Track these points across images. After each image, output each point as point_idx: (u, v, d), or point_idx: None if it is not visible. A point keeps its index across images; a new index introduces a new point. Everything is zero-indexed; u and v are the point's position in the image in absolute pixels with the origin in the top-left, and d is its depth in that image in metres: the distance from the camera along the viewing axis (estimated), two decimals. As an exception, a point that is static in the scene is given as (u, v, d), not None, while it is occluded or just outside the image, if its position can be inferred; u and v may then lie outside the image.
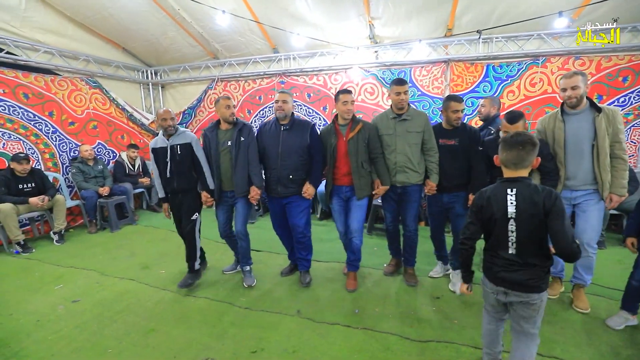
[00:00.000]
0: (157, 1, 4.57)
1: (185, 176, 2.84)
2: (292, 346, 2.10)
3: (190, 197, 2.90)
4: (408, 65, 5.02)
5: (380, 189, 2.77)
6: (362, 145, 2.71)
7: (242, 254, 3.00)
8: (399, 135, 2.72)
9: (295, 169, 2.77)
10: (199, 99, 6.29)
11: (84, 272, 3.28)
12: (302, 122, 2.87)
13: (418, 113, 2.77)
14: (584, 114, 2.28)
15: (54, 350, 2.12)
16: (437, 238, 3.01)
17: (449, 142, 2.71)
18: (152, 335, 2.25)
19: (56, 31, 4.91)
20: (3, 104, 4.36)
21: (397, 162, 2.73)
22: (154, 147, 2.86)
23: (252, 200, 2.86)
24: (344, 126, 2.75)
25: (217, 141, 2.82)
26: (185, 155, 2.81)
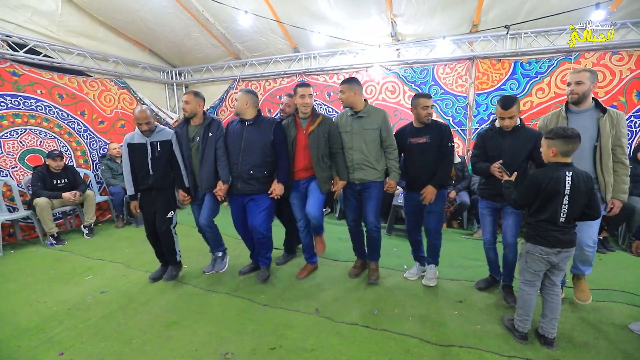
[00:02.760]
0: (182, 3, 4.70)
1: (162, 174, 2.84)
2: (310, 344, 2.10)
3: (165, 195, 2.90)
4: (431, 63, 4.91)
5: (338, 184, 2.78)
6: (323, 139, 2.72)
7: (212, 242, 3.12)
8: (356, 133, 2.71)
9: (256, 165, 2.76)
10: (221, 98, 6.41)
11: (111, 265, 3.42)
12: (267, 119, 2.87)
13: (376, 110, 2.76)
14: (588, 113, 2.25)
15: (83, 337, 2.22)
16: (414, 238, 2.99)
17: (420, 140, 2.68)
18: (175, 327, 2.31)
19: (88, 34, 5.14)
20: (40, 104, 4.61)
21: (354, 160, 2.73)
22: (131, 142, 2.82)
23: (217, 195, 2.85)
24: (304, 119, 2.78)
25: (187, 137, 2.86)
26: (164, 152, 2.81)
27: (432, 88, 4.96)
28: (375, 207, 2.79)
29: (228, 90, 6.32)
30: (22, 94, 4.45)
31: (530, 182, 1.94)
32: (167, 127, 2.94)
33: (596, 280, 2.78)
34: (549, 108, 4.37)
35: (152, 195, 2.89)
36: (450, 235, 4.21)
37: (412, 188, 2.75)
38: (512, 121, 2.29)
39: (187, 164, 2.88)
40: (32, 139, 4.54)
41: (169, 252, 3.01)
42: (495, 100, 4.62)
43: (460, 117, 4.87)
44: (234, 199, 2.94)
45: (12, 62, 4.32)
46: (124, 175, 2.91)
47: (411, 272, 3.06)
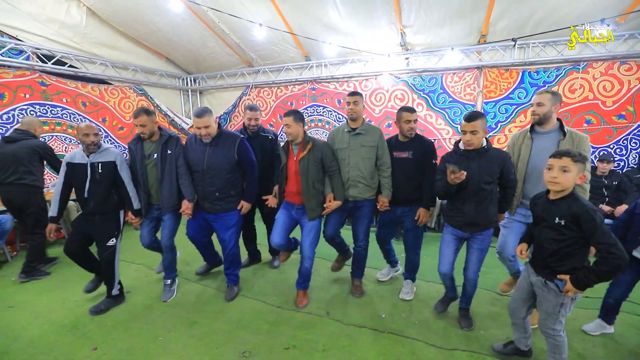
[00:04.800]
0: (199, 15, 4.90)
1: (103, 197, 2.61)
2: (322, 345, 2.25)
3: (108, 220, 2.68)
4: (440, 71, 5.02)
5: (332, 203, 2.65)
6: (314, 166, 2.61)
7: (166, 267, 2.97)
8: (353, 149, 2.71)
9: (221, 187, 2.70)
10: (234, 104, 6.61)
11: (134, 266, 3.63)
12: (229, 136, 2.74)
13: (372, 128, 2.77)
14: (551, 135, 2.27)
15: (113, 334, 2.41)
16: (384, 247, 3.09)
17: (402, 154, 2.70)
18: (196, 327, 2.49)
19: (110, 45, 5.39)
20: (66, 112, 4.88)
21: (349, 177, 2.71)
22: (70, 162, 2.57)
23: (185, 214, 2.78)
24: (296, 145, 2.69)
25: (143, 154, 2.70)
26: (106, 174, 2.57)
27: (441, 96, 5.06)
28: (366, 227, 2.85)
29: (241, 96, 6.51)
30: (50, 103, 4.72)
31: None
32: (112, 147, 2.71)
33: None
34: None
35: (94, 219, 2.65)
36: None
37: (391, 202, 2.75)
38: (475, 137, 2.13)
39: (141, 182, 2.71)
40: (59, 145, 4.80)
41: (107, 281, 2.76)
42: (503, 109, 4.72)
43: (468, 124, 4.94)
44: (195, 214, 2.84)
45: (40, 73, 4.59)
46: (53, 194, 2.65)
47: (383, 272, 3.22)
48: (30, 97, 4.49)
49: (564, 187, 1.61)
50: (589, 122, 4.35)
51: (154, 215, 2.86)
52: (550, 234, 1.66)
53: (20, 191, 3.28)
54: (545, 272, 1.73)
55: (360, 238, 2.88)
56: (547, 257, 1.69)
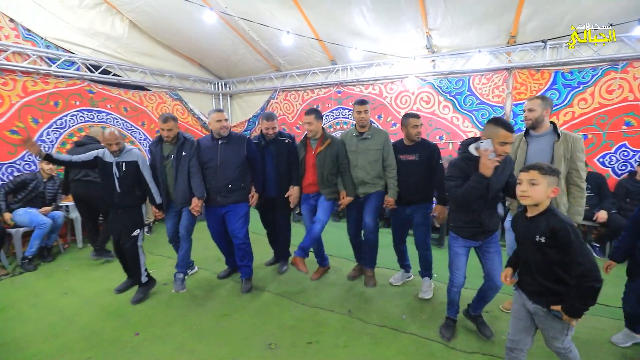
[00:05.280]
0: (231, 24, 5.15)
1: (127, 193, 2.91)
2: (343, 342, 2.36)
3: (132, 213, 2.95)
4: (467, 73, 4.95)
5: (345, 199, 3.00)
6: (329, 160, 2.97)
7: (181, 259, 3.16)
8: (360, 153, 2.96)
9: (233, 180, 3.00)
10: (262, 108, 6.85)
11: (169, 260, 3.90)
12: (239, 136, 3.14)
13: (379, 131, 3.01)
14: (545, 137, 2.38)
15: (152, 322, 2.65)
16: (399, 248, 3.16)
17: (409, 157, 2.88)
18: (226, 319, 2.68)
19: (149, 54, 5.77)
20: (110, 117, 5.29)
21: (357, 177, 2.99)
22: (101, 158, 2.90)
23: (193, 211, 3.01)
24: (315, 141, 3.06)
25: (162, 155, 3.02)
26: (129, 172, 2.88)
27: (468, 98, 4.99)
28: (373, 212, 3.01)
29: (269, 100, 6.74)
30: (96, 109, 5.14)
31: None
32: (135, 149, 2.99)
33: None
34: (592, 119, 4.27)
35: (118, 213, 2.96)
36: None
37: (399, 202, 2.94)
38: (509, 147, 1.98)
39: (160, 180, 3.01)
40: (104, 148, 5.23)
41: (134, 270, 3.03)
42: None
43: (496, 127, 4.84)
44: (212, 211, 3.14)
45: (89, 82, 5.02)
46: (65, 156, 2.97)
47: (396, 277, 3.27)
48: (79, 104, 4.92)
49: (535, 201, 1.55)
50: (628, 124, 4.13)
51: (176, 210, 3.14)
52: (535, 254, 1.58)
53: (85, 186, 3.88)
54: (541, 299, 1.59)
55: (367, 222, 3.03)
56: (537, 277, 1.59)
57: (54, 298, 3.10)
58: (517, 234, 1.73)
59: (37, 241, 3.76)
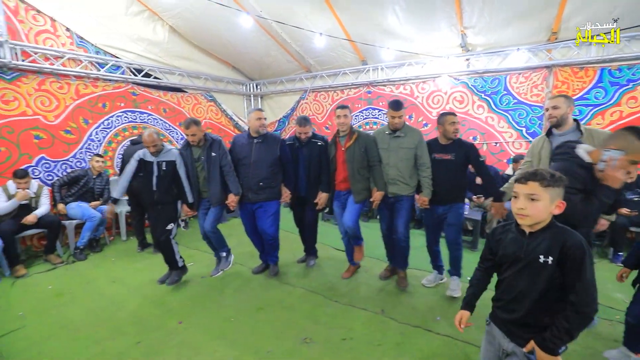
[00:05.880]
0: (265, 27, 5.30)
1: (165, 190, 3.10)
2: (377, 340, 2.38)
3: (168, 209, 3.15)
4: (503, 72, 4.80)
5: (376, 194, 2.98)
6: (359, 154, 2.99)
7: (216, 244, 3.42)
8: (392, 151, 2.94)
9: (265, 178, 3.11)
10: (292, 108, 6.98)
11: (206, 255, 4.08)
12: (273, 136, 3.25)
13: (412, 130, 2.97)
14: (568, 136, 2.31)
15: (193, 312, 2.80)
16: (432, 249, 3.12)
17: (445, 156, 2.84)
18: (262, 312, 2.78)
19: (186, 57, 6.05)
20: (151, 117, 5.60)
21: (389, 175, 2.96)
22: (143, 159, 3.10)
23: (231, 206, 3.19)
24: (343, 137, 3.11)
25: (192, 157, 3.16)
26: (168, 171, 3.07)
27: (504, 97, 4.84)
28: (405, 219, 3.01)
29: (299, 100, 6.85)
30: (138, 110, 5.45)
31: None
32: (174, 149, 3.20)
33: None
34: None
35: (157, 209, 3.16)
36: None
37: (432, 201, 2.91)
38: None
39: (192, 181, 3.17)
40: (145, 147, 5.54)
41: (169, 259, 3.25)
42: (577, 110, 4.36)
43: (534, 127, 4.67)
44: (244, 207, 3.29)
45: (132, 85, 5.34)
46: (120, 181, 3.13)
47: (429, 279, 3.23)
48: (124, 105, 5.25)
49: (535, 220, 1.25)
50: (684, 125, 3.85)
51: (206, 207, 3.29)
52: (533, 278, 1.27)
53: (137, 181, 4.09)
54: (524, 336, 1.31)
55: (400, 230, 3.03)
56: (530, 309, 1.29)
57: (103, 286, 3.34)
58: (501, 255, 1.39)
59: (87, 233, 4.06)
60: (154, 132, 3.04)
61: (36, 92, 4.25)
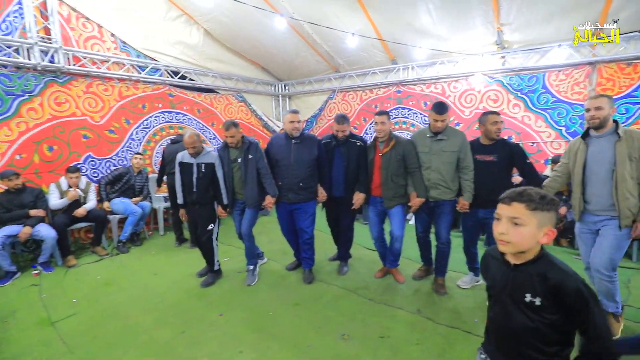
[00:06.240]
0: (296, 28, 5.38)
1: (204, 191, 3.17)
2: (415, 339, 2.38)
3: (207, 209, 3.23)
4: (541, 69, 4.64)
5: (415, 201, 2.92)
6: (395, 160, 2.94)
7: (248, 254, 3.40)
8: (434, 154, 2.86)
9: (304, 178, 3.13)
10: (320, 108, 7.04)
11: (240, 251, 4.15)
12: (311, 136, 3.29)
13: (455, 132, 2.88)
14: (606, 138, 2.25)
15: (232, 305, 2.91)
16: (470, 251, 3.03)
17: (487, 157, 2.74)
18: (298, 308, 2.84)
19: (218, 59, 6.24)
20: (186, 118, 5.83)
21: (430, 179, 2.88)
22: (181, 161, 3.20)
23: (268, 207, 3.25)
24: (382, 142, 3.04)
25: (229, 159, 3.20)
26: (207, 173, 3.14)
27: (542, 96, 4.67)
28: (447, 224, 2.97)
29: (327, 100, 6.90)
30: (175, 110, 5.69)
31: None
32: (213, 151, 3.28)
33: None
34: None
35: (195, 209, 3.25)
36: (560, 254, 3.95)
37: (473, 204, 2.82)
38: None
39: (227, 183, 3.22)
40: (180, 146, 5.77)
41: (208, 260, 3.33)
42: (623, 109, 4.15)
43: (575, 126, 4.48)
44: (281, 207, 3.32)
45: (169, 86, 5.57)
46: (176, 187, 3.30)
47: (465, 280, 3.16)
48: (162, 106, 5.49)
49: (518, 249, 1.07)
50: None
51: (240, 208, 3.34)
52: (519, 318, 1.10)
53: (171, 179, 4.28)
54: None
55: (441, 236, 2.99)
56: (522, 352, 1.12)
57: (145, 277, 3.52)
58: (490, 283, 1.25)
59: (129, 227, 4.29)
60: (194, 133, 3.11)
61: (84, 94, 4.54)
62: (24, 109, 3.99)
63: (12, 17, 3.84)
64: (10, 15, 3.83)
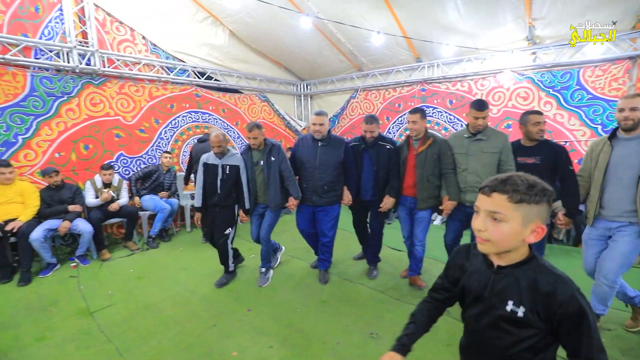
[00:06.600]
0: (319, 28, 5.39)
1: (226, 193, 3.14)
2: (445, 340, 2.35)
3: (227, 212, 3.20)
4: (576, 65, 4.44)
5: (447, 204, 2.80)
6: (431, 160, 2.84)
7: (263, 257, 3.35)
8: (472, 155, 2.73)
9: (330, 181, 3.11)
10: (342, 107, 7.02)
11: (264, 248, 4.26)
12: (337, 138, 3.21)
13: (496, 133, 2.73)
14: (635, 140, 2.15)
15: (261, 301, 2.96)
16: None
17: (528, 160, 2.58)
18: (326, 305, 2.86)
19: (243, 59, 6.34)
20: (211, 117, 5.96)
21: (467, 182, 2.74)
22: (206, 162, 3.18)
23: (291, 208, 3.25)
24: (417, 141, 2.96)
25: (252, 161, 3.17)
26: (231, 175, 3.11)
27: (576, 93, 4.48)
28: None
29: (349, 99, 6.88)
30: (201, 110, 5.83)
31: None
32: (238, 154, 3.24)
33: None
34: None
35: (216, 211, 3.22)
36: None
37: None
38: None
39: (249, 186, 3.18)
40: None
41: (223, 262, 3.32)
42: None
43: (612, 124, 4.27)
44: (303, 209, 3.30)
45: (196, 87, 5.71)
46: (196, 190, 3.29)
47: None
48: (188, 106, 5.64)
49: (499, 248, 0.90)
50: None
51: (259, 213, 3.32)
52: (499, 330, 0.94)
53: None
54: None
55: None
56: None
57: (176, 272, 3.63)
58: (465, 287, 1.06)
59: (159, 223, 4.43)
60: (220, 133, 3.11)
61: (117, 95, 4.72)
62: (63, 110, 4.21)
63: (54, 22, 4.05)
64: (52, 21, 4.04)
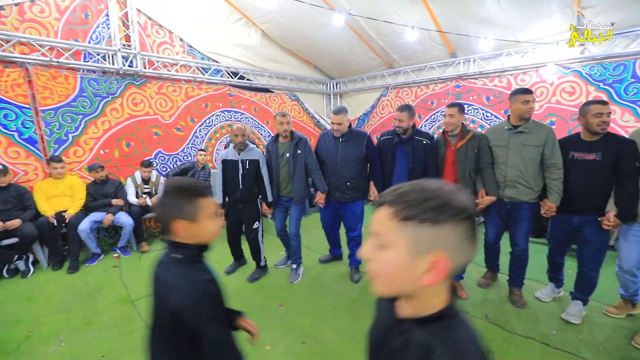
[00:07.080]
0: (351, 25, 5.35)
1: (248, 188, 3.12)
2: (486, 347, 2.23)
3: (251, 207, 3.20)
4: (631, 56, 4.09)
5: (485, 199, 2.71)
6: (472, 155, 2.74)
7: (293, 252, 3.37)
8: (512, 148, 2.60)
9: (352, 177, 3.06)
10: (372, 106, 6.93)
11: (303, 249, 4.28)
12: (358, 133, 3.11)
13: (539, 126, 2.58)
14: None
15: (293, 297, 2.98)
16: (555, 261, 2.71)
17: (587, 156, 2.36)
18: (357, 304, 2.83)
19: (274, 59, 6.43)
20: (243, 117, 6.09)
21: (507, 176, 2.63)
22: (225, 159, 3.17)
23: (320, 203, 3.21)
24: (454, 136, 2.85)
25: (277, 153, 3.15)
26: (251, 169, 3.09)
27: (631, 86, 4.12)
28: (526, 230, 2.68)
29: (380, 97, 6.78)
30: (233, 110, 5.98)
31: None
32: (257, 148, 3.20)
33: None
34: None
35: (239, 207, 3.20)
36: None
37: (565, 209, 2.46)
38: None
39: (272, 178, 3.17)
40: (237, 143, 6.05)
41: (254, 257, 3.33)
42: None
43: (673, 121, 3.90)
44: (327, 205, 3.26)
45: (229, 86, 5.86)
46: (216, 187, 3.28)
47: (544, 292, 2.84)
48: (222, 106, 5.80)
49: (391, 289, 0.66)
50: None
51: (284, 206, 3.33)
52: None
53: None
54: None
55: (518, 242, 2.72)
56: None
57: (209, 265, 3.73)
58: (369, 344, 0.83)
59: (194, 218, 4.58)
60: (241, 126, 3.09)
61: (156, 95, 4.95)
62: (108, 109, 4.47)
63: (101, 27, 4.31)
64: (100, 26, 4.30)
